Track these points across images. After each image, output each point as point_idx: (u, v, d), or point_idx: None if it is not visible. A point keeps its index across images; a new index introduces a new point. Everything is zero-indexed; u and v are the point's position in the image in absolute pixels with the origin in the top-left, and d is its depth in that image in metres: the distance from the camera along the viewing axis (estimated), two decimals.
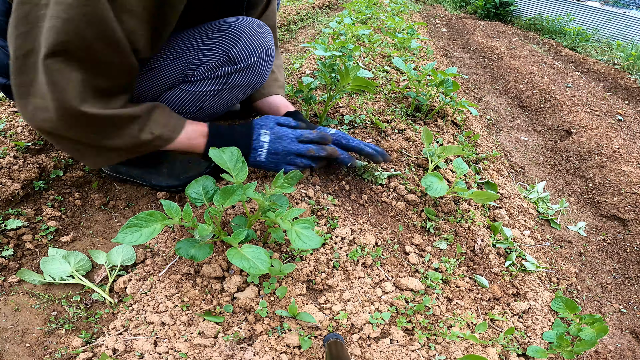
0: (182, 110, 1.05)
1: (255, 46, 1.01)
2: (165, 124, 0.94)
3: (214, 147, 0.91)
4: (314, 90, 1.91)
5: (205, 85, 1.02)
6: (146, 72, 1.01)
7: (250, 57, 1.01)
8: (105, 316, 0.95)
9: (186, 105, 1.05)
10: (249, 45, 1.00)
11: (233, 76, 1.02)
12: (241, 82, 1.04)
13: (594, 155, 2.20)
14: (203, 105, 1.05)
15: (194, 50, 1.00)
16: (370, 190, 1.40)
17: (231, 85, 1.03)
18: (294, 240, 0.83)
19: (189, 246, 0.86)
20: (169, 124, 0.95)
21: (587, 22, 5.99)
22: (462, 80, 3.53)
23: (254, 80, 1.07)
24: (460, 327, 1.01)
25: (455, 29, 6.00)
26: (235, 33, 0.99)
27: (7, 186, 1.12)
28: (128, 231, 0.78)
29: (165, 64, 1.00)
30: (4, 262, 1.02)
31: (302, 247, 0.83)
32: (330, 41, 2.89)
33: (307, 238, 0.84)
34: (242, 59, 1.00)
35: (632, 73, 3.92)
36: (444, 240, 1.29)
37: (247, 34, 1.00)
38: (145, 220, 0.80)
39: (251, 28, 1.01)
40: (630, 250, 1.59)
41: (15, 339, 0.87)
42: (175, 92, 1.04)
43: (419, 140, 1.73)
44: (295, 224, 0.86)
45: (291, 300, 0.94)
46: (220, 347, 0.84)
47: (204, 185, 0.91)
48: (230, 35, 0.99)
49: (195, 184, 0.90)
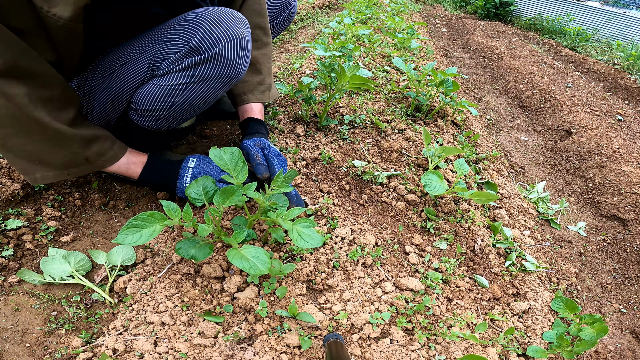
0: (154, 107, 1.01)
1: (219, 34, 0.94)
2: (103, 153, 0.99)
3: (215, 147, 0.91)
4: (314, 90, 1.91)
5: (173, 78, 0.97)
6: (118, 69, 1.00)
7: (214, 46, 0.94)
8: (105, 316, 0.95)
9: (157, 102, 1.00)
10: (211, 34, 0.94)
11: (199, 68, 0.96)
12: (210, 74, 0.97)
13: (594, 155, 2.20)
14: (174, 101, 1.00)
15: (158, 43, 0.97)
16: (370, 190, 1.40)
17: (200, 78, 0.97)
18: (295, 240, 0.84)
19: (189, 246, 0.86)
20: (107, 153, 1.00)
21: (587, 22, 5.99)
22: (462, 80, 3.53)
23: (225, 71, 0.99)
24: (460, 327, 1.01)
25: (455, 29, 6.00)
26: (196, 21, 0.95)
27: (7, 186, 1.12)
28: (128, 232, 0.78)
29: (133, 59, 0.99)
30: (4, 262, 1.02)
31: (304, 246, 0.84)
32: (330, 41, 2.89)
33: (308, 237, 0.85)
34: (205, 48, 0.94)
35: (632, 73, 3.92)
36: (444, 240, 1.29)
37: (209, 22, 0.94)
38: (145, 220, 0.80)
39: (216, 16, 0.96)
40: (630, 250, 1.59)
41: (15, 339, 0.87)
42: (147, 87, 1.00)
43: (419, 140, 1.73)
44: (296, 224, 0.87)
45: (291, 300, 0.94)
46: (220, 347, 0.84)
47: (204, 186, 0.91)
48: (191, 24, 0.95)
49: (195, 184, 0.90)
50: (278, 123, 1.63)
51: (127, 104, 1.05)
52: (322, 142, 1.53)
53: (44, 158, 0.90)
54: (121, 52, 1.00)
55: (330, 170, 1.41)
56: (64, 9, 0.75)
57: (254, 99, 1.31)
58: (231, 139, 1.64)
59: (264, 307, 0.91)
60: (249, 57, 1.05)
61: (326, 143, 1.54)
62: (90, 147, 0.95)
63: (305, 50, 2.99)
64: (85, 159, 0.95)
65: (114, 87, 1.01)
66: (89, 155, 0.95)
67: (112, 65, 1.00)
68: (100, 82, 1.01)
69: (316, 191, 1.28)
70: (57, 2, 0.74)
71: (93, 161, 0.97)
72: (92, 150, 0.96)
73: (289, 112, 1.74)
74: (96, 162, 0.98)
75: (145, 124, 1.05)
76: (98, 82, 1.01)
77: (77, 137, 0.91)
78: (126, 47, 1.00)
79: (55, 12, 0.75)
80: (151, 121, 1.04)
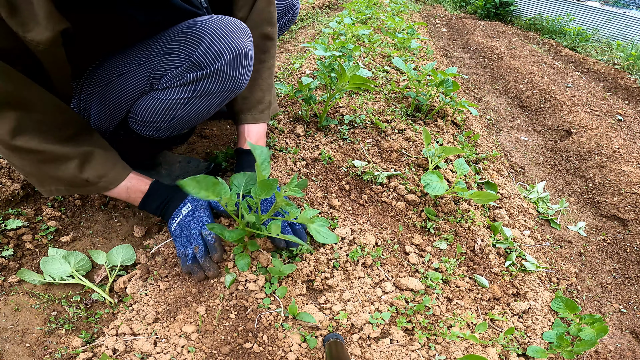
0: (155, 119, 0.99)
1: (222, 48, 0.90)
2: (102, 175, 0.95)
3: (250, 142, 0.90)
4: (314, 90, 1.91)
5: (174, 93, 0.94)
6: (116, 79, 0.96)
7: (217, 61, 0.90)
8: (105, 316, 0.95)
9: (159, 114, 0.97)
10: (213, 48, 0.89)
11: (202, 83, 0.92)
12: (212, 88, 0.94)
13: (594, 155, 2.20)
14: (176, 114, 0.97)
15: (158, 55, 0.93)
16: (370, 190, 1.40)
17: (202, 93, 0.94)
18: (315, 236, 0.92)
19: (221, 228, 0.92)
20: (107, 175, 0.96)
21: (587, 22, 5.99)
22: (462, 80, 3.53)
23: (228, 86, 0.96)
24: (460, 327, 1.01)
25: (455, 29, 6.00)
26: (197, 34, 0.90)
27: (7, 186, 1.12)
28: (193, 184, 0.77)
29: (132, 70, 0.95)
30: (4, 262, 1.02)
31: (323, 242, 0.93)
32: (330, 41, 2.89)
33: (326, 234, 0.93)
34: (207, 63, 0.90)
35: (632, 73, 3.92)
36: (444, 240, 1.29)
37: (211, 35, 0.90)
38: (208, 185, 0.79)
39: (217, 28, 0.91)
40: (630, 250, 1.59)
41: (15, 339, 0.87)
42: (146, 99, 0.97)
43: (419, 140, 1.73)
44: (313, 222, 0.94)
45: (291, 300, 0.94)
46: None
47: (248, 177, 0.94)
48: (192, 37, 0.90)
49: (241, 176, 0.94)
50: (278, 123, 1.63)
51: (125, 114, 1.02)
52: (322, 142, 1.53)
53: (51, 175, 0.90)
54: (118, 61, 0.96)
55: (330, 170, 1.41)
56: (40, 34, 0.70)
57: (252, 119, 1.24)
58: (231, 139, 1.65)
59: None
60: (251, 69, 1.02)
61: (326, 143, 1.54)
62: (87, 167, 0.92)
63: (305, 50, 2.99)
64: (85, 180, 0.93)
65: (112, 97, 0.98)
66: (89, 176, 0.93)
67: (109, 75, 0.96)
68: (96, 91, 0.98)
69: (316, 191, 1.28)
70: (31, 27, 0.69)
71: (94, 182, 0.94)
72: (89, 170, 0.93)
73: (289, 112, 1.74)
74: (98, 184, 0.95)
75: (146, 133, 1.03)
76: (94, 91, 0.98)
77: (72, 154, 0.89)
78: (123, 57, 0.96)
79: (32, 37, 0.70)
80: (152, 131, 1.02)
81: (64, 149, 0.88)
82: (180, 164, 1.32)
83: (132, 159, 1.22)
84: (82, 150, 0.91)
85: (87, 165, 0.92)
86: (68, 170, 0.90)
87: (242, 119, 1.24)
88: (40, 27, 0.70)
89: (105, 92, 0.98)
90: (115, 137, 1.08)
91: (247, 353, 0.84)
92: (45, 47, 0.73)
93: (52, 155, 0.87)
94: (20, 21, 0.68)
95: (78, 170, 0.91)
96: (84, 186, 0.95)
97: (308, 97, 1.59)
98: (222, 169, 1.39)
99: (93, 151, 0.94)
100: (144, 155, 1.23)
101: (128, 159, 1.06)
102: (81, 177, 0.92)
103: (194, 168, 1.31)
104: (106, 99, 0.98)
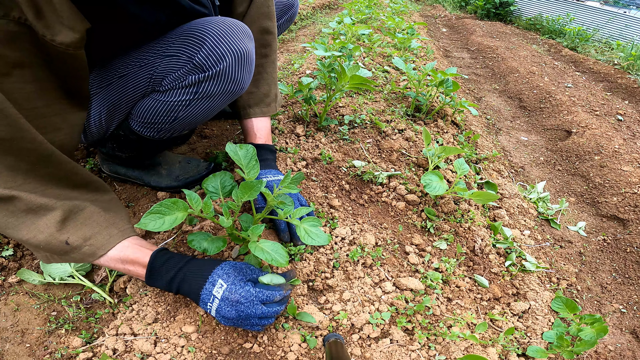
0: (157, 121, 0.98)
1: (224, 50, 0.90)
2: (88, 237, 0.77)
3: (230, 143, 0.89)
4: (314, 90, 1.91)
5: (175, 95, 0.93)
6: (117, 80, 0.96)
7: (219, 63, 0.90)
8: (105, 316, 0.95)
9: (160, 116, 0.97)
10: (215, 50, 0.89)
11: (203, 85, 0.92)
12: (214, 90, 0.94)
13: (594, 155, 2.20)
14: (177, 116, 0.97)
15: (159, 57, 0.92)
16: (370, 190, 1.40)
17: (204, 95, 0.94)
18: (303, 237, 0.85)
19: (202, 239, 0.86)
20: (94, 237, 0.78)
21: (587, 22, 5.98)
22: (462, 80, 3.53)
23: (230, 88, 0.96)
24: (460, 327, 1.01)
25: (455, 29, 6.00)
26: (199, 36, 0.89)
27: None
28: (151, 217, 0.75)
29: (133, 72, 0.94)
30: (4, 262, 1.02)
31: (311, 244, 0.85)
32: (330, 41, 2.89)
33: (315, 235, 0.86)
34: (209, 65, 0.89)
35: (632, 73, 3.92)
36: (444, 240, 1.29)
37: (213, 37, 0.89)
38: (169, 207, 0.77)
39: (219, 29, 0.90)
40: (630, 250, 1.59)
41: (15, 339, 0.87)
42: (148, 101, 0.97)
43: (419, 140, 1.73)
44: (303, 222, 0.88)
45: (291, 300, 0.94)
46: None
47: (222, 181, 0.91)
48: (194, 39, 0.89)
49: (214, 178, 0.90)
50: (278, 123, 1.63)
51: (126, 115, 1.02)
52: (322, 142, 1.53)
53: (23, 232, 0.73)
54: (119, 63, 0.95)
55: (330, 170, 1.41)
56: (67, 36, 0.68)
57: (259, 112, 1.23)
58: (231, 139, 1.64)
59: None
60: (252, 71, 1.02)
61: (326, 143, 1.54)
62: (69, 225, 0.75)
63: (305, 50, 2.99)
64: (64, 242, 0.74)
65: (113, 99, 0.98)
66: (70, 237, 0.75)
67: (109, 77, 0.96)
68: (97, 92, 0.97)
69: (316, 191, 1.28)
70: (57, 29, 0.67)
71: (76, 246, 0.75)
72: (71, 229, 0.75)
73: (289, 112, 1.74)
74: (82, 249, 0.76)
75: (147, 134, 1.03)
76: (95, 92, 0.97)
77: (53, 205, 0.73)
78: (124, 58, 0.96)
79: (62, 40, 0.68)
80: (153, 132, 1.02)
81: (43, 198, 0.72)
82: (180, 164, 1.32)
83: (132, 159, 1.22)
84: (69, 204, 0.76)
85: (69, 223, 0.75)
86: (44, 227, 0.72)
87: (250, 112, 1.23)
88: (67, 29, 0.68)
89: (107, 93, 0.97)
90: (115, 138, 1.08)
91: (247, 353, 0.84)
92: (74, 49, 0.71)
93: (26, 204, 0.70)
94: (46, 23, 0.66)
95: (56, 228, 0.73)
96: (65, 252, 0.76)
97: (308, 97, 1.59)
98: (222, 169, 1.39)
99: (84, 207, 0.78)
100: (144, 155, 1.23)
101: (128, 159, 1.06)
102: (59, 237, 0.74)
103: (193, 168, 1.31)
104: (107, 101, 0.98)
